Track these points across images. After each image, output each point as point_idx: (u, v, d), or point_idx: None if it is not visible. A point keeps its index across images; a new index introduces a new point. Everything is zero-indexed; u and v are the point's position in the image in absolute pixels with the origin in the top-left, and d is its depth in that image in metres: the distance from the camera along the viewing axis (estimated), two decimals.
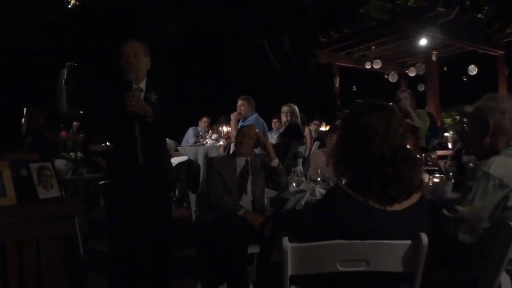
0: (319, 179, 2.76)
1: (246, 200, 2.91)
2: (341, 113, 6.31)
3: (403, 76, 10.56)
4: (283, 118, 5.50)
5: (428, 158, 2.62)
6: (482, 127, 1.74)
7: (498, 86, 8.95)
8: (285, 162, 4.63)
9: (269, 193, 3.07)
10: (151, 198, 2.52)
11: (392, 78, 10.30)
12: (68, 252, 1.96)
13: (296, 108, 5.45)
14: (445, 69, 10.97)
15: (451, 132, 6.43)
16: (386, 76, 10.53)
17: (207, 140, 5.61)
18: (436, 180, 2.38)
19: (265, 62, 12.30)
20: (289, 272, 1.37)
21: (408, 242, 1.35)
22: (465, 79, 10.72)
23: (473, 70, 9.49)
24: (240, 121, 4.99)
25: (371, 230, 1.34)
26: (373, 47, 9.18)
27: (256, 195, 2.95)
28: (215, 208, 2.82)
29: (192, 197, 2.99)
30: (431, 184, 2.31)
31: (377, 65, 9.57)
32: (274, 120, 6.66)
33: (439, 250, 1.55)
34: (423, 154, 2.70)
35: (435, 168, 2.56)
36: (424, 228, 1.38)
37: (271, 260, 2.47)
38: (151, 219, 2.53)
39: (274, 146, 3.51)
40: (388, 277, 1.41)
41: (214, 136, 5.71)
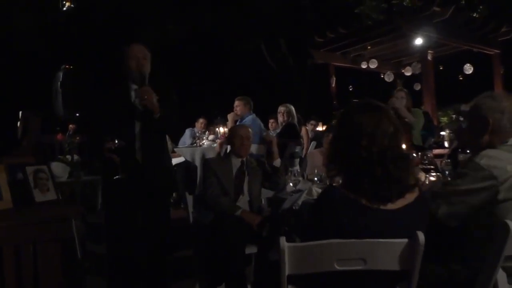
0: (316, 179, 2.78)
1: (243, 201, 2.90)
2: (337, 113, 6.32)
3: (399, 76, 10.61)
4: (280, 119, 5.50)
5: (425, 157, 2.64)
6: (480, 126, 1.74)
7: (494, 85, 9.00)
8: (282, 162, 4.62)
9: (266, 194, 3.07)
10: (151, 199, 2.51)
11: (388, 78, 10.34)
12: (66, 255, 1.95)
13: (293, 108, 5.46)
14: (441, 68, 11.01)
15: (447, 131, 6.46)
16: (382, 76, 10.57)
17: (204, 141, 5.59)
18: (433, 179, 2.40)
19: (262, 63, 12.31)
20: (287, 272, 1.37)
21: (405, 241, 1.35)
22: (461, 78, 10.75)
23: (469, 69, 9.53)
24: (238, 122, 4.99)
25: (368, 229, 1.34)
26: (369, 47, 9.21)
27: (253, 196, 2.94)
28: (212, 209, 2.82)
29: (189, 198, 2.99)
30: (428, 183, 2.32)
31: (373, 65, 9.60)
32: (271, 121, 6.65)
33: (436, 248, 1.56)
34: (419, 153, 2.72)
35: (432, 167, 2.58)
36: (422, 227, 1.38)
37: (269, 260, 2.48)
38: (151, 220, 2.52)
39: None
40: (385, 276, 1.41)
41: (211, 137, 5.70)
